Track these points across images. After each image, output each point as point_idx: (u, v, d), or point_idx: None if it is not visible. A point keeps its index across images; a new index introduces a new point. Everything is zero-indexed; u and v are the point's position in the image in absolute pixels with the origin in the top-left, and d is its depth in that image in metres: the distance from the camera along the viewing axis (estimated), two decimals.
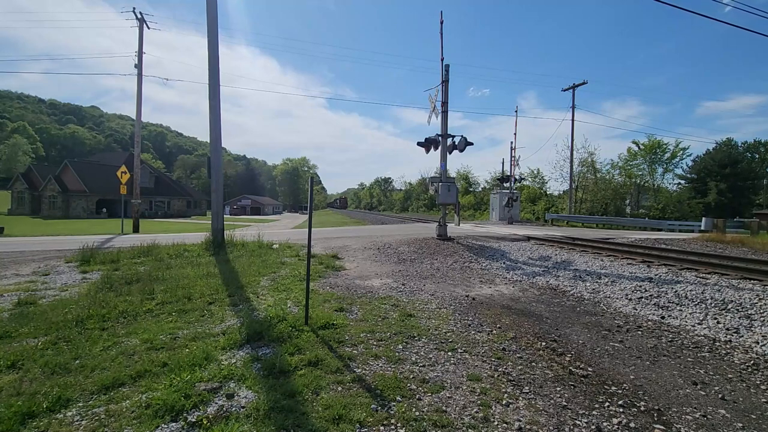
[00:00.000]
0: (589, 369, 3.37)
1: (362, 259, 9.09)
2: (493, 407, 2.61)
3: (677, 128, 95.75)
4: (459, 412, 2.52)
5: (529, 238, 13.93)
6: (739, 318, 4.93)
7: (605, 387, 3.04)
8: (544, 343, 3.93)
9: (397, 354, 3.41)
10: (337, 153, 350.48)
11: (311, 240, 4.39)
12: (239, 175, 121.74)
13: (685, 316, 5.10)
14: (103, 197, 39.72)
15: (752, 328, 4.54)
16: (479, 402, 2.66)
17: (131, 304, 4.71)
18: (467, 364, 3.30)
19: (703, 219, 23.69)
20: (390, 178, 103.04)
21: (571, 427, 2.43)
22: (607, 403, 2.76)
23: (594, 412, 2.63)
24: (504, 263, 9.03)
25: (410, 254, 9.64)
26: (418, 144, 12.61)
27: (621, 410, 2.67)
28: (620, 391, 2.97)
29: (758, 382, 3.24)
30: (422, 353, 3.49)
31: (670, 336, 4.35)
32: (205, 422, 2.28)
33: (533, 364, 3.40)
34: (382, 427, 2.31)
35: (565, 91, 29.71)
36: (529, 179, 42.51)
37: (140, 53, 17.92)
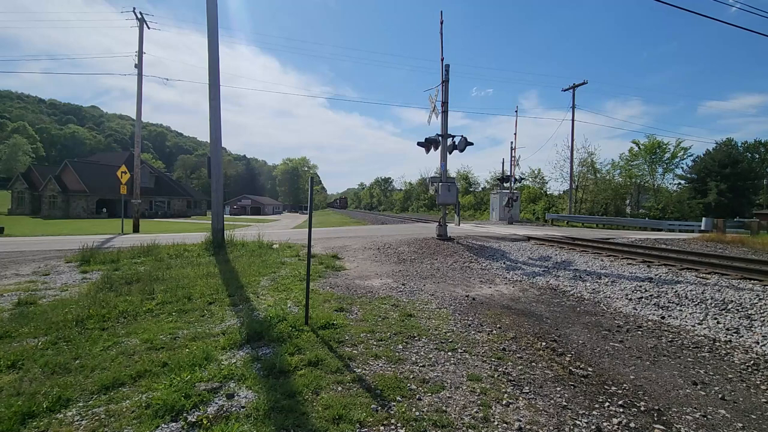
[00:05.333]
0: (589, 369, 3.37)
1: (362, 259, 9.09)
2: (493, 407, 2.61)
3: (679, 128, 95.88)
4: (459, 412, 2.52)
5: (529, 238, 13.93)
6: (739, 318, 4.93)
7: (605, 387, 3.04)
8: (544, 343, 3.93)
9: (397, 354, 3.41)
10: (337, 153, 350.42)
11: (311, 240, 4.39)
12: (239, 175, 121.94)
13: (685, 316, 5.10)
14: (103, 197, 39.71)
15: (752, 328, 4.54)
16: (479, 402, 2.66)
17: (131, 304, 4.71)
18: (467, 364, 3.30)
19: (703, 219, 23.70)
20: (390, 178, 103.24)
21: (571, 427, 2.43)
22: (607, 403, 2.76)
23: (594, 412, 2.63)
24: (504, 263, 9.03)
25: (410, 254, 9.64)
26: (418, 144, 12.61)
27: (621, 410, 2.67)
28: (620, 391, 2.97)
29: (758, 382, 3.24)
30: (422, 353, 3.49)
31: (670, 336, 4.35)
32: (205, 422, 2.28)
33: (533, 364, 3.40)
34: (382, 427, 2.31)
35: (565, 91, 29.71)
36: (530, 179, 42.55)
37: (140, 53, 17.92)
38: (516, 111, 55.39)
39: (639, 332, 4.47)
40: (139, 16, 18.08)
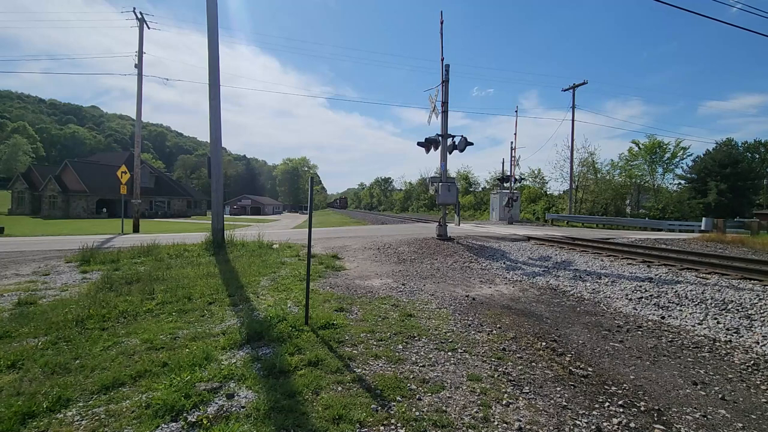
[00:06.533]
0: (589, 369, 3.37)
1: (362, 259, 9.09)
2: (493, 407, 2.61)
3: (679, 128, 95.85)
4: (459, 412, 2.52)
5: (529, 238, 13.93)
6: (739, 318, 4.93)
7: (605, 387, 3.04)
8: (544, 343, 3.92)
9: (397, 354, 3.41)
10: (337, 153, 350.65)
11: (311, 240, 4.39)
12: (239, 175, 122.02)
13: (686, 316, 5.10)
14: (104, 197, 39.71)
15: (752, 328, 4.54)
16: (479, 402, 2.66)
17: (131, 304, 4.71)
18: (467, 364, 3.30)
19: (703, 219, 23.69)
20: (390, 178, 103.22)
21: (571, 427, 2.43)
22: (607, 403, 2.76)
23: (594, 412, 2.63)
24: (504, 263, 9.03)
25: (410, 254, 9.64)
26: (418, 144, 12.61)
27: (621, 410, 2.67)
28: (620, 391, 2.97)
29: (758, 382, 3.24)
30: (422, 353, 3.49)
31: (670, 336, 4.35)
32: (205, 422, 2.28)
33: (533, 364, 3.40)
34: (382, 427, 2.31)
35: (565, 91, 29.71)
36: (530, 179, 42.54)
37: (140, 53, 17.92)
38: (516, 111, 55.51)
39: (639, 332, 4.47)
40: (139, 16, 18.08)
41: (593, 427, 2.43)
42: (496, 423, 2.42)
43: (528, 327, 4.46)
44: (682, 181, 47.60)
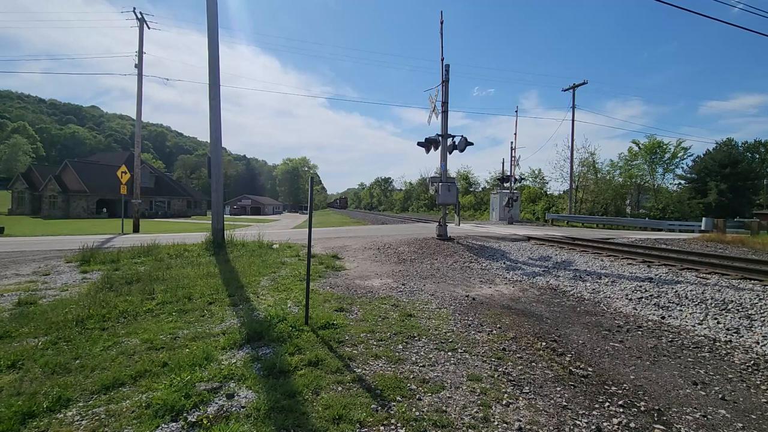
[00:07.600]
0: (589, 369, 3.37)
1: (362, 259, 9.09)
2: (493, 407, 2.61)
3: (679, 128, 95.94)
4: (459, 412, 2.52)
5: (529, 238, 13.93)
6: (740, 318, 4.93)
7: (605, 387, 3.04)
8: (544, 343, 3.92)
9: (397, 354, 3.41)
10: (337, 153, 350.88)
11: (311, 240, 4.39)
12: (239, 175, 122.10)
13: (686, 316, 5.10)
14: (104, 197, 39.70)
15: (752, 328, 4.54)
16: (479, 402, 2.66)
17: (131, 304, 4.71)
18: (467, 364, 3.30)
19: (704, 219, 23.69)
20: (390, 178, 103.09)
21: (571, 427, 2.43)
22: (607, 403, 2.76)
23: (594, 412, 2.63)
24: (504, 263, 9.03)
25: (410, 254, 9.64)
26: (418, 144, 12.61)
27: (621, 410, 2.67)
28: (620, 391, 2.97)
29: (758, 382, 3.24)
30: (422, 353, 3.49)
31: (671, 336, 4.35)
32: (205, 422, 2.28)
33: (533, 364, 3.40)
34: (382, 427, 2.31)
35: (565, 91, 29.70)
36: (530, 179, 42.53)
37: (140, 53, 17.91)
38: (516, 111, 55.40)
39: (639, 332, 4.47)
40: (139, 16, 18.08)
41: (593, 427, 2.44)
42: (496, 423, 2.42)
43: (528, 327, 4.46)
44: (682, 181, 47.61)
